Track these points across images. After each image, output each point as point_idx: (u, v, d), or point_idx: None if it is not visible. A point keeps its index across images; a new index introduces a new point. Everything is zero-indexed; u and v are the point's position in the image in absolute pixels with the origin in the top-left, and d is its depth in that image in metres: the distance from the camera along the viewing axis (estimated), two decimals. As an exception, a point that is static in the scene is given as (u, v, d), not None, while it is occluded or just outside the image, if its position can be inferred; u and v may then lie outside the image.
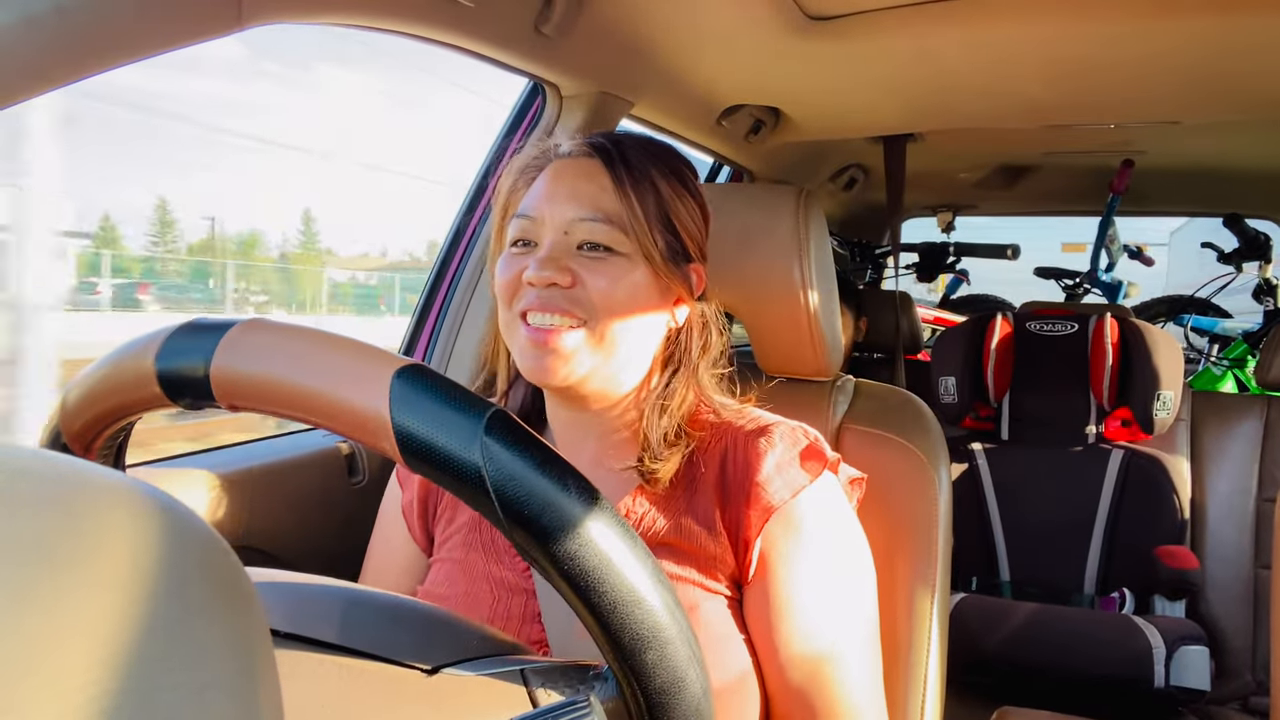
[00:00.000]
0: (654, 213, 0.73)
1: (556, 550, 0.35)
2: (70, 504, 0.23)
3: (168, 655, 0.22)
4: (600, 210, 0.71)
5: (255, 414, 0.42)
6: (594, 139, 0.76)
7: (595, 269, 0.70)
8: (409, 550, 0.83)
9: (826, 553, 0.72)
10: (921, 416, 0.95)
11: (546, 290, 0.70)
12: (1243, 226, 2.61)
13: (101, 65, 0.63)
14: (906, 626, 0.86)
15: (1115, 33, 1.16)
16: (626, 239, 0.71)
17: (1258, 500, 1.92)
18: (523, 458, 0.36)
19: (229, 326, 0.40)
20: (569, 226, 0.71)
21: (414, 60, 66.24)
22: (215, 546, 0.25)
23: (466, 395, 0.37)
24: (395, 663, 0.40)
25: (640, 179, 0.73)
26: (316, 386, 0.38)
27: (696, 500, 0.73)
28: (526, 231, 0.73)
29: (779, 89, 1.50)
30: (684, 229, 0.75)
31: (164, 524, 0.24)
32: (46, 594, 0.21)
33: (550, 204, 0.72)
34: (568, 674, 0.42)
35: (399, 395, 0.36)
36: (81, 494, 0.24)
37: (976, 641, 1.73)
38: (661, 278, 0.73)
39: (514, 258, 0.73)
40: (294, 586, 0.45)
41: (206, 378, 0.39)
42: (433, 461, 0.36)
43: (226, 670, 0.23)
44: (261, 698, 0.25)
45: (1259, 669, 1.86)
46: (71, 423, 0.44)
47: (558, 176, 0.74)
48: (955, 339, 2.14)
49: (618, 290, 0.70)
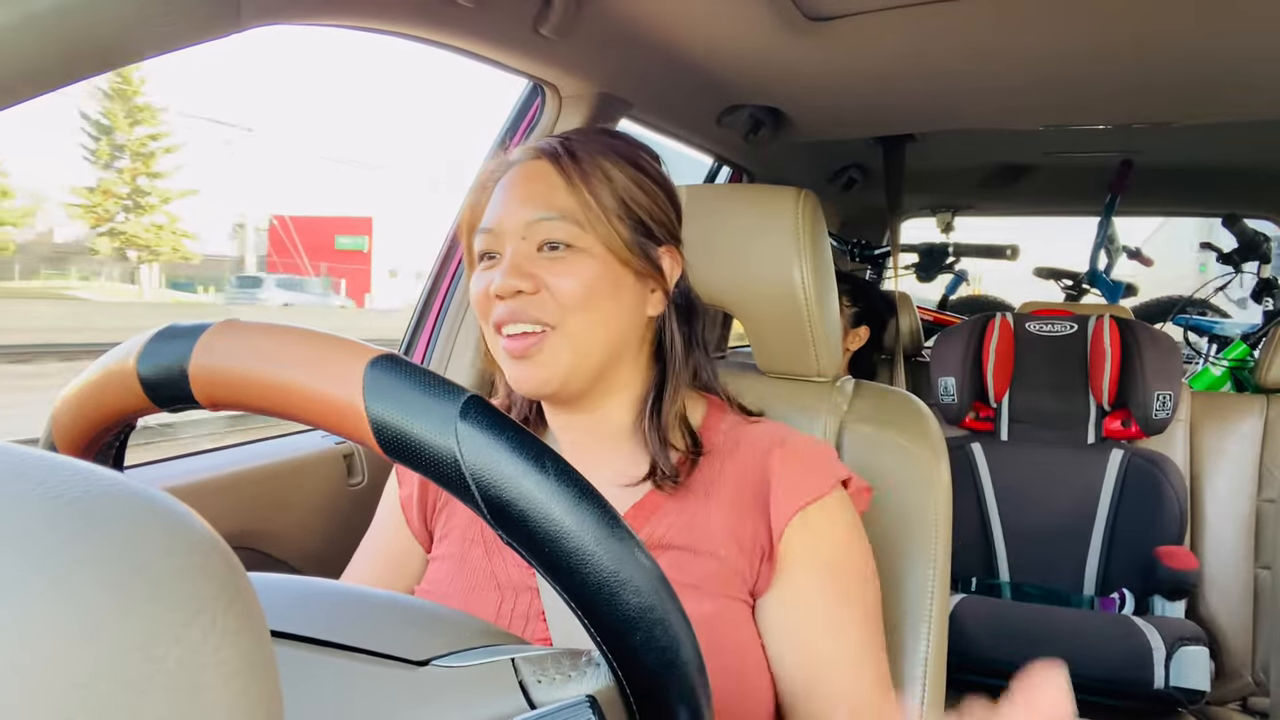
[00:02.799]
0: (609, 202, 0.72)
1: (536, 532, 0.35)
2: (68, 505, 0.23)
3: (166, 657, 0.22)
4: (553, 208, 0.71)
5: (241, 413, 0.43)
6: (541, 142, 0.76)
7: (557, 269, 0.70)
8: (404, 543, 0.82)
9: (837, 564, 0.72)
10: (921, 417, 0.95)
11: (514, 300, 0.70)
12: (1241, 227, 2.62)
13: (102, 66, 0.63)
14: (906, 627, 0.86)
15: (1113, 34, 1.16)
16: (584, 232, 0.71)
17: (1257, 500, 1.92)
18: (498, 441, 0.35)
19: (205, 328, 0.41)
20: (525, 230, 0.71)
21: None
22: (214, 547, 0.25)
23: (440, 382, 0.37)
24: (385, 657, 0.40)
25: (590, 170, 0.72)
26: (292, 381, 0.38)
27: (711, 507, 0.73)
28: (489, 244, 0.73)
29: (778, 89, 1.50)
30: (645, 213, 0.74)
31: (163, 525, 0.24)
32: (43, 595, 0.21)
33: (505, 211, 0.72)
34: (559, 660, 0.42)
35: (372, 385, 0.36)
36: (79, 495, 0.24)
37: (976, 642, 1.73)
38: (628, 267, 0.73)
39: (482, 273, 0.73)
40: (283, 585, 0.45)
41: (185, 378, 0.40)
42: (409, 449, 0.36)
43: (228, 672, 0.23)
44: (262, 698, 0.25)
45: (1258, 669, 1.86)
46: (64, 433, 0.45)
47: (510, 184, 0.74)
48: (955, 339, 2.14)
49: (581, 287, 0.70)
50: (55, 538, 0.22)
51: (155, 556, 0.23)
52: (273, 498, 1.03)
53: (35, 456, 0.25)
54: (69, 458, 0.26)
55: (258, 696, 0.25)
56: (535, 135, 1.27)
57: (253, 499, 1.00)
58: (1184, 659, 1.66)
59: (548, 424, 0.81)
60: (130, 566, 0.23)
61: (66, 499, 0.23)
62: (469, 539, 0.76)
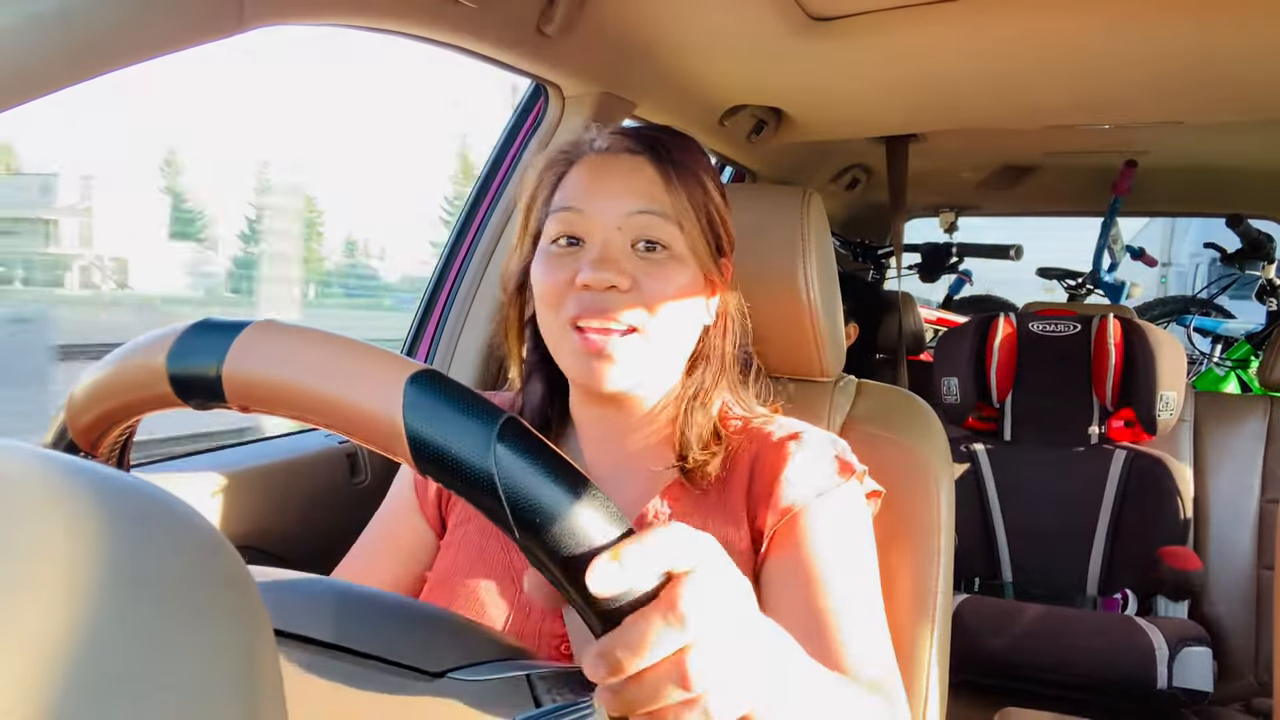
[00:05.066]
0: (701, 206, 0.72)
1: (569, 561, 0.35)
2: (74, 503, 0.23)
3: (170, 654, 0.22)
4: (655, 202, 0.69)
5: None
6: (634, 134, 0.74)
7: (652, 271, 0.68)
8: (415, 527, 0.79)
9: (840, 552, 0.70)
10: (924, 417, 0.95)
11: (604, 294, 0.67)
12: (1245, 227, 2.61)
13: (105, 67, 0.64)
14: (909, 627, 0.86)
15: (1117, 33, 1.16)
16: (681, 234, 0.70)
17: (1261, 501, 1.92)
18: (535, 466, 0.35)
19: (241, 327, 0.40)
20: (622, 222, 0.68)
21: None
22: (219, 546, 0.25)
23: (479, 401, 0.37)
24: (400, 666, 0.40)
25: (688, 173, 0.71)
26: (330, 391, 0.38)
27: (727, 502, 0.73)
28: (573, 226, 0.70)
29: (781, 89, 1.50)
30: (723, 221, 0.75)
31: (168, 523, 0.24)
32: (49, 592, 0.21)
33: (599, 197, 0.69)
34: (573, 680, 0.42)
35: (412, 400, 0.36)
36: (86, 494, 0.24)
37: (979, 642, 1.73)
38: (705, 274, 0.72)
39: (559, 257, 0.70)
40: (296, 585, 0.45)
41: (219, 379, 0.39)
42: (446, 468, 0.36)
43: (228, 669, 0.24)
44: (263, 697, 0.25)
45: (1261, 670, 1.85)
46: (78, 419, 0.44)
47: (602, 171, 0.71)
48: (958, 339, 2.14)
49: (672, 293, 0.69)
50: (62, 537, 0.22)
51: (161, 555, 0.23)
52: (277, 497, 1.03)
53: (43, 456, 0.25)
54: (74, 457, 0.26)
55: (259, 696, 0.25)
56: (539, 136, 1.27)
57: (257, 498, 1.00)
58: (1187, 659, 1.66)
59: (572, 418, 0.79)
60: (136, 565, 0.23)
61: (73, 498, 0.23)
62: (488, 531, 0.74)
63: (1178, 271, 10.69)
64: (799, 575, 0.68)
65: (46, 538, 0.22)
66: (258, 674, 0.25)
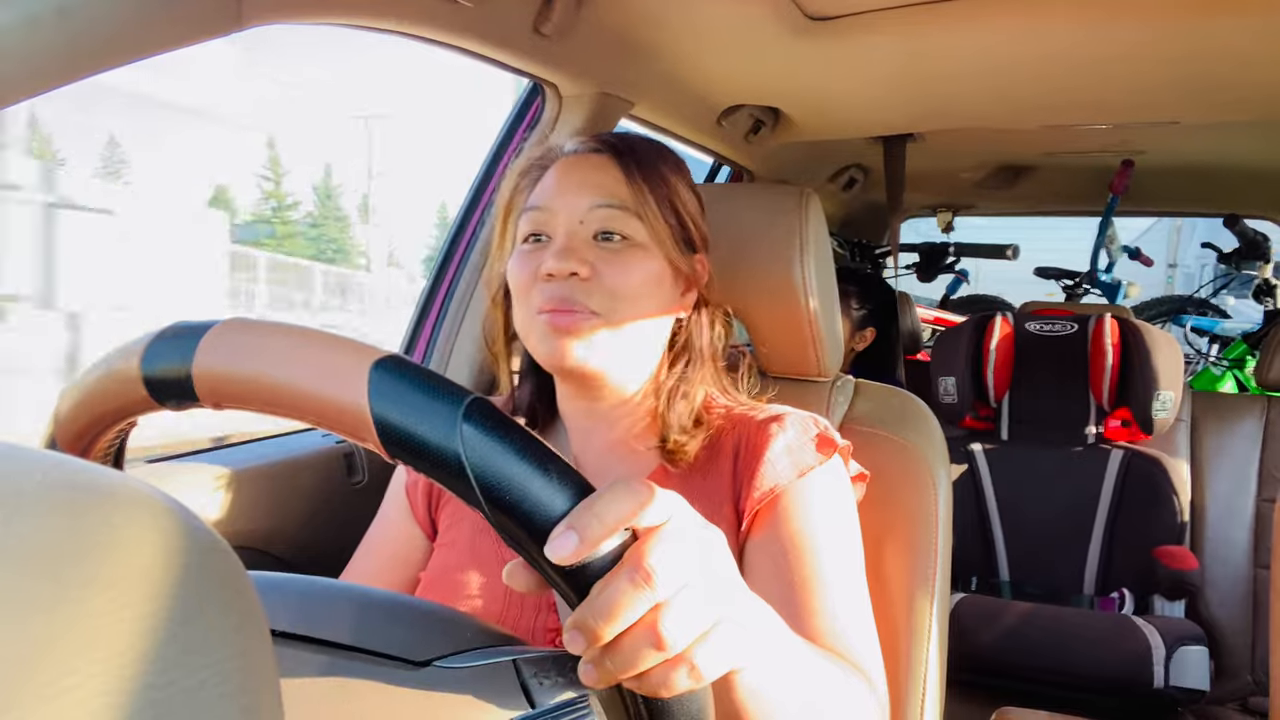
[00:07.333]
0: (665, 201, 0.75)
1: (538, 533, 0.35)
2: (70, 504, 0.23)
3: (167, 655, 0.22)
4: (615, 196, 0.72)
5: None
6: (600, 137, 0.78)
7: (612, 260, 0.71)
8: (408, 532, 0.82)
9: (822, 528, 0.70)
10: (921, 416, 0.95)
11: (566, 282, 0.70)
12: (1242, 227, 2.61)
13: (101, 65, 0.63)
14: (906, 626, 0.86)
15: (1115, 33, 1.16)
16: (641, 225, 0.73)
17: (1257, 500, 1.92)
18: (502, 444, 0.35)
19: (209, 327, 0.40)
20: (584, 215, 0.72)
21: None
22: (215, 546, 0.25)
23: (444, 383, 0.37)
24: (386, 657, 0.40)
25: (650, 170, 0.75)
26: (296, 381, 0.38)
27: (711, 484, 0.74)
28: (539, 224, 0.74)
29: (779, 89, 1.50)
30: (690, 217, 0.77)
31: (164, 524, 0.24)
32: (47, 594, 0.21)
33: (563, 195, 0.73)
34: (560, 662, 0.42)
35: (377, 386, 0.36)
36: (82, 494, 0.24)
37: (976, 641, 1.73)
38: (673, 266, 0.75)
39: (528, 254, 0.73)
40: (285, 584, 0.45)
41: (189, 378, 0.40)
42: (413, 451, 0.36)
43: (226, 670, 0.23)
44: (261, 697, 0.25)
45: (1258, 669, 1.86)
46: (66, 431, 0.44)
47: (568, 170, 0.75)
48: (955, 339, 2.14)
49: (634, 280, 0.71)
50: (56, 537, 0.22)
51: (156, 556, 0.23)
52: (273, 497, 1.03)
53: (37, 455, 0.25)
54: (71, 457, 0.26)
55: (256, 696, 0.25)
56: (536, 135, 1.27)
57: (253, 498, 1.00)
58: (1184, 659, 1.66)
59: (558, 413, 0.81)
60: (131, 566, 0.23)
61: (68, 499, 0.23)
62: (479, 527, 0.76)
63: (1184, 273, 10.72)
64: (778, 550, 0.69)
65: (41, 539, 0.22)
66: (255, 674, 0.25)
